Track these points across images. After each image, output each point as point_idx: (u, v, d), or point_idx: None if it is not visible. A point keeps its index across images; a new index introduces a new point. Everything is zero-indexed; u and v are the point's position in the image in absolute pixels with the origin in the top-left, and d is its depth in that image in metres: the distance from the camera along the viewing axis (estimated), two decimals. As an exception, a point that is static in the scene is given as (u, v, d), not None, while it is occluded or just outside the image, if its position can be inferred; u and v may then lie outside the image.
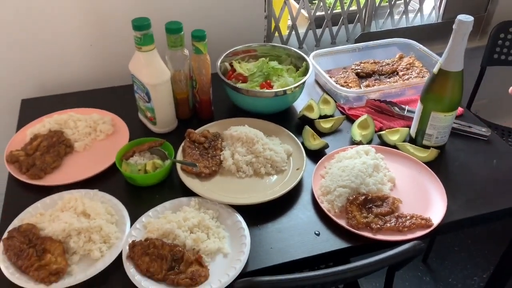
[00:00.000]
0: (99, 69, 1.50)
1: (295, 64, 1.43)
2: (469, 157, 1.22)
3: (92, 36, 1.44)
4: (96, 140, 1.24)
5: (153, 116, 1.24)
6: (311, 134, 1.24)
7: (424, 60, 1.55)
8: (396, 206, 1.05)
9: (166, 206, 1.03)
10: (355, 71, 1.53)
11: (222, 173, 1.14)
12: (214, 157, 1.16)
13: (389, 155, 1.19)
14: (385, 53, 1.63)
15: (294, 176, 1.12)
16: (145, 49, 1.14)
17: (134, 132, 1.27)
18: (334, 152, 1.19)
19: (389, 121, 1.33)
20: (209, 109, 1.32)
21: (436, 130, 1.17)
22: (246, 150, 1.15)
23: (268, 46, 1.45)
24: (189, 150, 1.16)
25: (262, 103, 1.29)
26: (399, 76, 1.52)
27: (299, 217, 1.04)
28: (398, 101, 1.39)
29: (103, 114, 1.30)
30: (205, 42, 1.20)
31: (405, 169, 1.16)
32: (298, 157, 1.17)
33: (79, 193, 1.05)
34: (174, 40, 1.20)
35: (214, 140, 1.20)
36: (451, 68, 1.09)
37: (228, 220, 1.01)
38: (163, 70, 1.19)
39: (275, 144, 1.19)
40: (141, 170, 1.10)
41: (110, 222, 0.99)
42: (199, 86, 1.27)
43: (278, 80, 1.34)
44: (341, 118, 1.31)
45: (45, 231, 0.95)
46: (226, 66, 1.40)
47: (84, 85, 1.49)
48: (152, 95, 1.19)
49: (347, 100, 1.37)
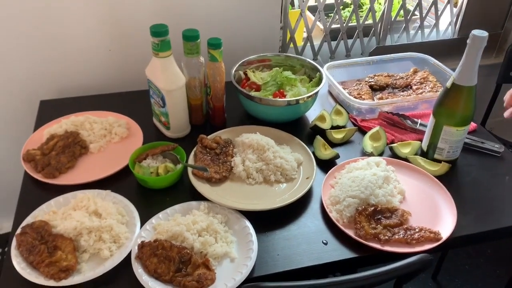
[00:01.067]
0: (117, 73, 1.54)
1: (309, 75, 1.44)
2: (481, 173, 1.21)
3: (111, 42, 1.48)
4: (111, 143, 1.27)
5: (167, 121, 1.26)
6: (322, 144, 1.25)
7: (438, 75, 1.56)
8: (405, 219, 1.05)
9: (176, 209, 1.05)
10: (369, 83, 1.54)
11: (233, 179, 1.15)
12: (225, 163, 1.17)
13: (400, 168, 1.19)
14: (399, 67, 1.63)
15: (303, 185, 1.12)
16: (162, 55, 1.17)
17: (148, 136, 1.29)
18: (345, 163, 1.19)
19: (401, 134, 1.33)
20: (222, 116, 1.34)
21: (448, 144, 1.17)
22: (257, 157, 1.17)
23: (282, 56, 1.47)
24: (200, 155, 1.18)
25: (274, 111, 1.30)
26: (413, 90, 1.52)
27: (307, 226, 1.05)
28: (411, 115, 1.39)
29: (118, 118, 1.33)
30: (221, 50, 1.23)
31: (416, 182, 1.16)
32: (308, 166, 1.18)
33: (91, 193, 1.07)
34: (191, 48, 1.22)
35: (226, 146, 1.22)
36: (464, 83, 1.09)
37: (236, 226, 1.02)
38: (178, 76, 1.22)
39: (286, 153, 1.20)
40: (153, 173, 1.12)
41: (121, 223, 1.01)
42: (213, 93, 1.29)
43: (291, 90, 1.35)
44: (353, 129, 1.31)
45: (57, 228, 0.97)
46: (240, 75, 1.42)
47: (101, 89, 1.53)
48: (167, 100, 1.22)
49: (360, 112, 1.37)
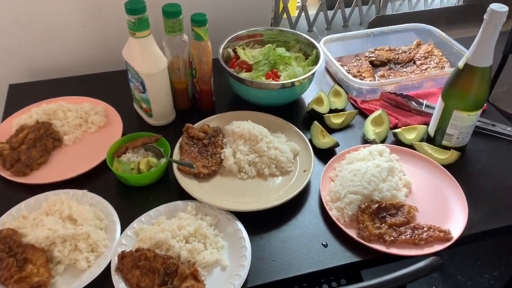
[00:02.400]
0: (93, 52, 1.40)
1: (305, 51, 1.31)
2: (492, 160, 1.12)
3: (86, 17, 1.33)
4: (87, 133, 1.15)
5: (148, 107, 1.14)
6: (320, 130, 1.14)
7: (443, 48, 1.43)
8: (412, 216, 0.96)
9: (160, 211, 0.95)
10: (369, 59, 1.42)
11: (223, 173, 1.05)
12: (214, 155, 1.06)
13: (405, 156, 1.10)
14: (402, 39, 1.51)
15: (300, 179, 1.02)
16: (140, 35, 1.03)
17: (128, 124, 1.17)
18: (345, 152, 1.09)
19: (406, 117, 1.22)
20: (210, 100, 1.22)
21: (458, 130, 1.07)
22: (249, 148, 1.06)
23: (275, 30, 1.34)
24: (186, 147, 1.07)
25: (267, 95, 1.18)
26: (416, 65, 1.41)
27: (305, 225, 0.96)
28: (415, 94, 1.28)
29: (95, 104, 1.21)
30: (206, 27, 1.09)
31: (422, 172, 1.07)
32: (306, 157, 1.07)
33: (66, 195, 0.96)
34: (172, 25, 1.09)
35: (215, 136, 1.10)
36: (479, 63, 0.97)
37: (228, 228, 0.93)
38: (159, 58, 1.08)
39: (281, 142, 1.09)
40: (134, 169, 1.01)
41: (99, 228, 0.91)
42: (199, 76, 1.16)
43: (286, 70, 1.23)
44: (353, 113, 1.20)
45: (27, 237, 0.87)
46: (229, 53, 1.29)
47: (76, 70, 1.38)
48: (148, 85, 1.09)
49: (360, 92, 1.26)
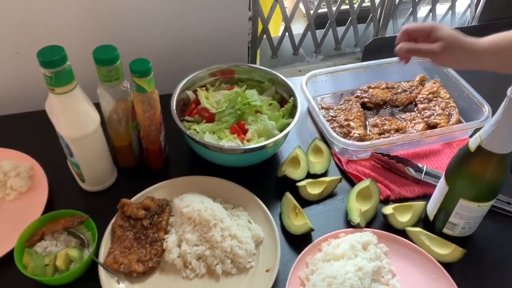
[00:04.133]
0: (24, 85, 1.14)
1: (281, 95, 1.08)
2: (504, 252, 0.89)
3: (20, 41, 1.08)
4: (4, 202, 0.92)
5: (79, 172, 0.92)
6: (293, 206, 0.92)
7: (452, 88, 1.20)
8: None
9: (74, 330, 0.74)
10: (361, 99, 1.18)
11: (163, 269, 0.83)
12: (154, 242, 0.84)
13: (396, 248, 0.87)
14: (403, 72, 1.26)
15: (262, 281, 0.80)
16: (60, 91, 0.79)
17: (58, 188, 0.96)
18: (322, 240, 0.87)
19: (400, 186, 0.99)
20: (159, 159, 0.99)
21: (464, 220, 0.85)
22: (199, 236, 0.84)
23: (245, 67, 1.09)
24: (120, 232, 0.85)
25: (229, 158, 0.95)
26: (418, 110, 1.17)
27: None
28: (414, 153, 1.05)
29: (18, 159, 0.98)
30: (150, 77, 0.85)
31: (416, 272, 0.85)
32: (271, 247, 0.85)
33: (-44, 302, 0.75)
34: (107, 74, 0.85)
35: (159, 214, 0.88)
36: (498, 150, 0.74)
37: None
38: (88, 118, 0.85)
39: (241, 226, 0.87)
40: (50, 265, 0.79)
41: None
42: (144, 133, 0.93)
43: (255, 123, 1.00)
44: (336, 181, 0.98)
45: None
46: (188, 95, 1.05)
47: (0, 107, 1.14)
48: (74, 150, 0.86)
49: (346, 151, 1.03)
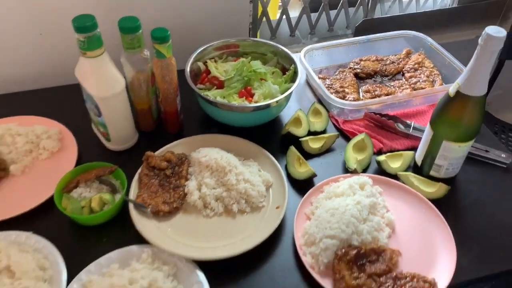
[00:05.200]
0: (49, 63, 1.25)
1: (283, 65, 1.20)
2: (484, 192, 1.02)
3: (42, 23, 1.19)
4: (38, 160, 1.03)
5: (106, 131, 1.03)
6: (297, 158, 1.04)
7: (435, 58, 1.32)
8: (395, 263, 0.86)
9: (112, 258, 0.84)
10: (354, 71, 1.30)
11: (186, 210, 0.94)
12: (177, 188, 0.95)
13: (389, 188, 0.99)
14: (390, 47, 1.39)
15: (273, 217, 0.92)
16: (91, 55, 0.91)
17: (86, 148, 1.06)
18: (324, 183, 0.99)
19: (391, 140, 1.11)
20: (176, 121, 1.10)
21: (448, 161, 0.97)
22: (216, 181, 0.95)
23: (249, 41, 1.21)
24: (146, 180, 0.96)
25: (239, 117, 1.07)
26: (405, 78, 1.30)
27: (276, 274, 0.85)
28: (403, 113, 1.17)
29: (48, 125, 1.09)
30: (169, 43, 0.97)
31: (407, 207, 0.97)
32: (279, 190, 0.97)
33: (7, 238, 0.85)
34: (130, 41, 0.97)
35: (179, 165, 0.99)
36: (473, 92, 0.86)
37: (189, 279, 0.82)
38: (115, 79, 0.96)
39: (252, 173, 0.98)
40: (86, 207, 0.90)
41: (42, 280, 0.80)
42: (162, 96, 1.04)
43: (261, 87, 1.11)
44: (334, 136, 1.10)
45: (-43, 295, 0.77)
46: (199, 66, 1.17)
47: (29, 83, 1.24)
48: (102, 109, 0.97)
49: (342, 111, 1.15)
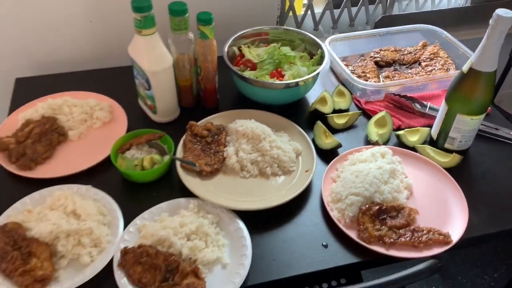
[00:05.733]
0: (99, 47, 1.40)
1: (310, 51, 1.32)
2: (494, 164, 1.12)
3: (92, 12, 1.34)
4: (92, 128, 1.16)
5: (153, 104, 1.15)
6: (323, 130, 1.15)
7: (449, 50, 1.43)
8: (413, 218, 0.96)
9: (163, 208, 0.96)
10: (374, 59, 1.42)
11: (225, 172, 1.06)
12: (217, 153, 1.07)
13: (407, 159, 1.10)
14: (407, 40, 1.50)
15: (302, 179, 1.03)
16: (146, 33, 1.04)
17: (133, 120, 1.18)
18: (348, 153, 1.10)
19: (409, 119, 1.22)
20: (214, 98, 1.23)
21: (461, 133, 1.07)
22: (252, 147, 1.07)
23: (280, 29, 1.34)
24: (190, 145, 1.08)
25: (271, 94, 1.19)
26: (422, 67, 1.41)
27: (306, 226, 0.96)
28: (419, 96, 1.28)
29: (100, 99, 1.22)
30: (212, 26, 1.10)
31: (424, 175, 1.07)
32: (308, 157, 1.08)
33: (70, 190, 0.97)
34: (178, 23, 1.09)
35: (218, 134, 1.11)
36: (484, 68, 0.97)
37: (229, 226, 0.94)
38: (164, 56, 1.09)
39: (284, 142, 1.10)
40: (138, 165, 1.02)
41: (102, 224, 0.92)
42: (203, 74, 1.17)
43: (290, 69, 1.23)
44: (357, 114, 1.21)
45: (32, 231, 0.88)
46: (234, 51, 1.29)
47: (82, 64, 1.39)
48: (152, 82, 1.10)
49: (364, 93, 1.26)
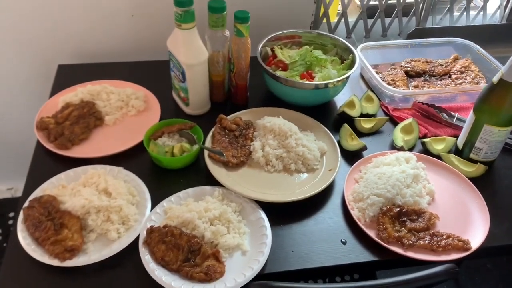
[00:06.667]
0: (138, 41, 1.47)
1: (341, 56, 1.34)
2: (520, 178, 1.12)
3: (134, 7, 1.40)
4: (127, 115, 1.22)
5: (186, 96, 1.20)
6: (350, 133, 1.17)
7: (481, 64, 1.43)
8: (433, 223, 0.97)
9: (189, 193, 1.00)
10: (405, 69, 1.43)
11: (250, 165, 1.09)
12: (243, 146, 1.11)
13: (431, 166, 1.11)
14: (439, 53, 1.51)
15: (325, 177, 1.05)
16: (185, 27, 1.09)
17: (165, 111, 1.23)
18: (372, 156, 1.11)
19: (436, 128, 1.23)
20: (244, 94, 1.27)
21: (487, 144, 1.08)
22: (278, 143, 1.10)
23: (313, 33, 1.37)
24: (218, 137, 1.12)
25: (300, 94, 1.22)
26: (452, 79, 1.41)
27: (326, 222, 0.98)
28: (448, 107, 1.28)
29: (136, 89, 1.27)
30: (248, 24, 1.14)
31: (447, 183, 1.08)
32: (333, 157, 1.10)
33: (103, 169, 1.02)
34: (216, 20, 1.14)
35: (246, 129, 1.15)
36: (514, 80, 0.98)
37: (251, 216, 0.97)
38: (201, 50, 1.14)
39: (309, 140, 1.12)
40: (168, 152, 1.07)
41: (131, 203, 0.97)
42: (236, 70, 1.21)
43: (321, 71, 1.26)
44: (384, 119, 1.22)
45: (65, 205, 0.94)
46: (267, 51, 1.33)
47: (121, 56, 1.46)
48: (188, 75, 1.15)
49: (392, 100, 1.27)
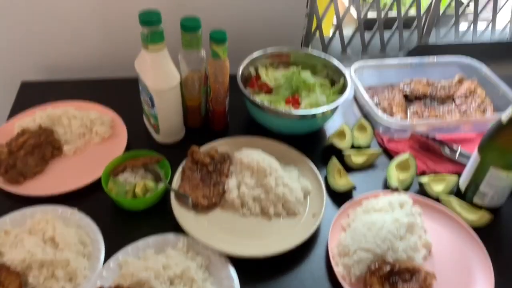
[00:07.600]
0: (109, 56, 1.33)
1: (332, 78, 1.21)
2: (529, 227, 0.99)
3: (105, 19, 1.27)
4: (90, 144, 1.09)
5: (156, 124, 1.07)
6: (338, 169, 1.04)
7: (488, 87, 1.30)
8: (428, 284, 0.84)
9: (149, 243, 0.87)
10: (404, 92, 1.30)
11: (223, 206, 0.96)
12: (217, 184, 0.98)
13: (429, 211, 0.98)
14: (443, 72, 1.38)
15: (308, 224, 0.92)
16: (152, 49, 0.96)
17: (134, 138, 1.11)
18: (363, 197, 0.98)
19: (435, 163, 1.10)
20: (222, 121, 1.14)
21: (493, 189, 0.94)
22: (256, 182, 0.97)
23: (302, 52, 1.24)
24: (189, 173, 0.99)
25: (284, 123, 1.09)
26: (455, 104, 1.28)
27: (306, 280, 0.85)
28: (450, 138, 1.15)
29: (102, 112, 1.14)
30: (225, 46, 1.01)
31: (446, 232, 0.95)
32: (317, 199, 0.97)
33: (54, 212, 0.90)
34: (190, 40, 1.01)
35: (221, 163, 1.02)
36: (527, 120, 0.85)
37: (220, 273, 0.84)
38: (171, 74, 1.01)
39: (292, 179, 0.99)
40: (129, 191, 0.94)
41: (82, 255, 0.84)
42: (213, 95, 1.08)
43: (308, 97, 1.13)
44: (377, 153, 1.09)
45: (4, 257, 0.81)
46: (250, 71, 1.20)
47: (92, 71, 1.33)
48: (156, 101, 1.02)
49: (388, 130, 1.14)
